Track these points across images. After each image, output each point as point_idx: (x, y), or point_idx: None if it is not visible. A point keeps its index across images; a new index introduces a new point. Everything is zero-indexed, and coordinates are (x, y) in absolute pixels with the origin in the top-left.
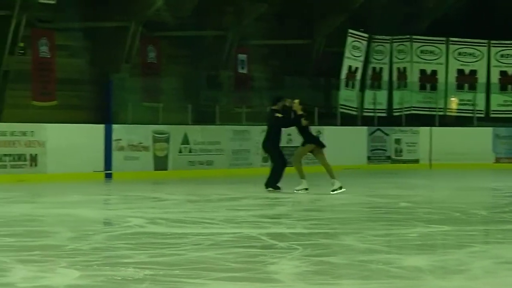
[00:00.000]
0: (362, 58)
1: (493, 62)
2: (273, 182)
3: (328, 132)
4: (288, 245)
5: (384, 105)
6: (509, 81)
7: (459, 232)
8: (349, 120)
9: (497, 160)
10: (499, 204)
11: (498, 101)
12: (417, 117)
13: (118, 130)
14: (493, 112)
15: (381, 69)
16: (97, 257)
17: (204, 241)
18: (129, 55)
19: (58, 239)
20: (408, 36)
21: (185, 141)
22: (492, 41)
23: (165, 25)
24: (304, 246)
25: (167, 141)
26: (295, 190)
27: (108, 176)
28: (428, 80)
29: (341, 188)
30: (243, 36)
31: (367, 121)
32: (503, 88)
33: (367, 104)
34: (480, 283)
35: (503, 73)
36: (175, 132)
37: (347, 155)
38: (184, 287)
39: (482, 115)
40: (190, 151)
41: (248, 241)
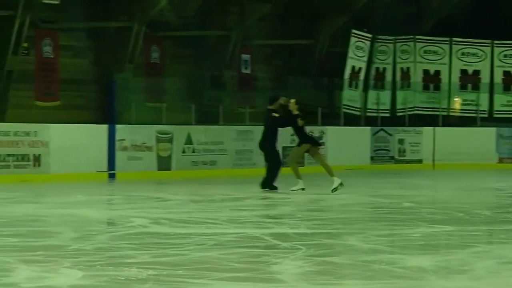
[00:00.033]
0: (365, 58)
1: (496, 62)
2: (269, 183)
3: (331, 132)
4: (291, 245)
5: (387, 105)
6: None
7: (462, 232)
8: (352, 120)
9: (501, 160)
10: (502, 204)
11: (502, 101)
12: (420, 117)
13: (121, 130)
14: (496, 112)
15: (384, 69)
16: (100, 257)
17: (207, 241)
18: (132, 55)
19: (62, 239)
20: (411, 36)
21: (189, 141)
22: (496, 41)
23: (168, 25)
24: (307, 246)
25: (170, 141)
26: (291, 190)
27: (112, 176)
28: (432, 80)
29: (341, 184)
30: (247, 36)
31: (370, 121)
32: (506, 88)
33: (371, 104)
34: (484, 283)
35: (507, 73)
36: (179, 132)
37: (350, 155)
38: (188, 287)
39: (485, 115)
40: (194, 151)
41: (251, 241)
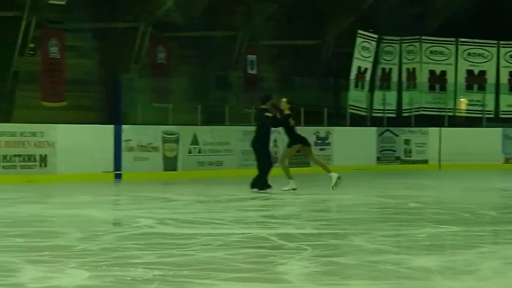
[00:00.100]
0: (371, 59)
1: (502, 62)
2: (259, 183)
3: (337, 132)
4: (297, 245)
5: (393, 105)
6: None
7: (468, 233)
8: (358, 121)
9: (507, 160)
10: (508, 204)
11: (508, 101)
12: (426, 117)
13: (127, 130)
14: (502, 113)
15: (390, 70)
16: (106, 257)
17: (213, 241)
18: (138, 56)
19: (68, 240)
20: (417, 37)
21: (195, 141)
22: (502, 42)
23: (174, 25)
24: (313, 246)
25: (176, 141)
26: (283, 190)
27: (118, 176)
28: (438, 80)
29: (339, 178)
30: (253, 36)
31: (376, 122)
32: None
33: (377, 104)
34: (489, 283)
35: None
36: (185, 132)
37: (356, 156)
38: (194, 287)
39: (491, 116)
40: (200, 151)
41: (257, 241)
